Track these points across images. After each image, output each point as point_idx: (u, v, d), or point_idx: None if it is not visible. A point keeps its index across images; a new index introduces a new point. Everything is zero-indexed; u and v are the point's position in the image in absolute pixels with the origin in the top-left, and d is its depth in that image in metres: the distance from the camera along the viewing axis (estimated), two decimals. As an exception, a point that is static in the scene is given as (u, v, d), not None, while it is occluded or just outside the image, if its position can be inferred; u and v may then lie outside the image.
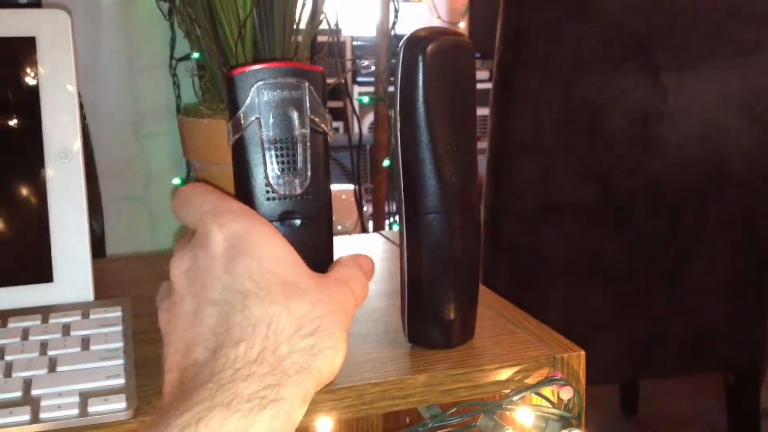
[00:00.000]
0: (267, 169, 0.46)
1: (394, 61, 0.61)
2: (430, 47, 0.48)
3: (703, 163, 1.29)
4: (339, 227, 1.37)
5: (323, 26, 0.88)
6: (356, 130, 1.18)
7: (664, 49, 1.22)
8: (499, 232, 1.27)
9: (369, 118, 2.29)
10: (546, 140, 1.25)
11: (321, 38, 0.90)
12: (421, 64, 0.48)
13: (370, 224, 1.47)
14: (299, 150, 0.46)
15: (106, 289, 0.62)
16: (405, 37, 0.49)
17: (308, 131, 0.46)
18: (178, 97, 0.95)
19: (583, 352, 0.52)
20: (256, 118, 0.46)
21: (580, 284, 1.33)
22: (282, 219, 0.47)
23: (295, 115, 0.46)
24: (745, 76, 1.26)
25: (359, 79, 2.87)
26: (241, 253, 0.40)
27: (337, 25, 0.92)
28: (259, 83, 0.46)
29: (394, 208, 1.17)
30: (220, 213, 0.42)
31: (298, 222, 0.47)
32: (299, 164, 0.46)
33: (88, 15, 0.98)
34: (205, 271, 0.40)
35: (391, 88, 1.06)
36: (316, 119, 0.46)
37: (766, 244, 1.36)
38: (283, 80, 0.46)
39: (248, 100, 0.46)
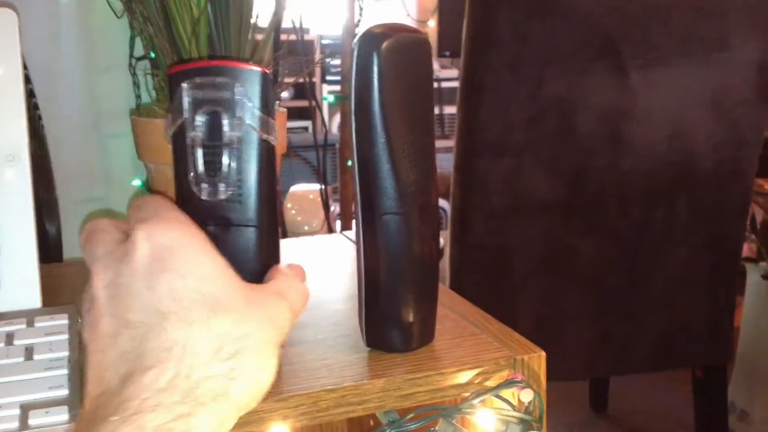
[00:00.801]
0: (193, 172, 0.45)
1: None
2: (385, 44, 0.47)
3: (673, 160, 1.29)
4: (306, 227, 1.35)
5: (289, 25, 0.86)
6: (325, 129, 1.17)
7: (633, 48, 1.22)
8: (469, 232, 1.27)
9: (338, 117, 2.28)
10: (515, 139, 1.24)
11: (288, 37, 0.89)
12: (376, 61, 0.47)
13: (338, 224, 1.46)
14: (225, 153, 0.45)
15: (58, 296, 0.60)
16: (360, 34, 0.48)
17: (237, 134, 0.44)
18: (138, 97, 0.93)
19: (543, 354, 0.51)
20: (184, 119, 0.44)
21: (550, 282, 1.32)
22: (210, 224, 0.46)
23: (225, 117, 0.44)
24: (713, 74, 1.26)
25: (328, 78, 2.85)
26: (165, 268, 0.37)
27: (301, 23, 0.91)
28: (188, 83, 0.44)
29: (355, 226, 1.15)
30: (152, 222, 0.39)
31: (228, 228, 0.45)
32: (224, 169, 0.45)
33: (45, 14, 0.96)
34: (126, 288, 0.38)
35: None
36: (249, 122, 0.44)
37: (736, 240, 1.37)
38: (212, 80, 0.44)
39: (177, 100, 0.44)
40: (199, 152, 0.45)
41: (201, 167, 0.45)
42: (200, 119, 0.45)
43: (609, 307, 1.35)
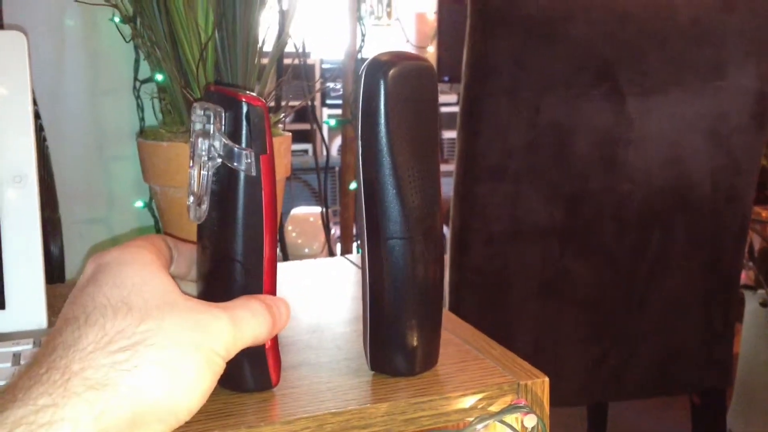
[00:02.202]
0: (189, 191, 0.46)
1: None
2: (392, 72, 0.48)
3: (670, 186, 1.30)
4: (306, 250, 1.36)
5: (291, 49, 0.87)
6: (326, 151, 1.18)
7: (631, 75, 1.23)
8: (467, 256, 1.27)
9: (339, 140, 2.29)
10: (513, 164, 1.25)
11: (290, 60, 0.90)
12: (382, 88, 0.47)
13: (338, 246, 1.47)
14: (200, 178, 0.46)
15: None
16: (366, 61, 0.49)
17: (212, 162, 0.45)
18: (142, 119, 0.94)
19: (546, 379, 0.51)
20: (191, 141, 0.45)
21: (548, 307, 1.33)
22: (200, 244, 0.47)
23: (203, 142, 0.45)
24: (710, 101, 1.27)
25: (328, 101, 2.87)
26: (92, 282, 0.40)
27: (303, 47, 0.92)
28: (193, 106, 0.46)
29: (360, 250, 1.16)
30: (112, 247, 0.42)
31: (209, 255, 0.46)
32: (198, 193, 0.46)
33: (51, 36, 0.97)
34: (66, 303, 0.40)
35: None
36: (222, 152, 0.45)
37: (732, 266, 1.38)
38: (201, 105, 0.45)
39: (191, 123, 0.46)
40: (191, 173, 0.46)
41: (190, 187, 0.46)
42: (193, 141, 0.46)
43: (605, 331, 1.35)
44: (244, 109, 0.45)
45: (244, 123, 0.45)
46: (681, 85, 1.25)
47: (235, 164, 0.45)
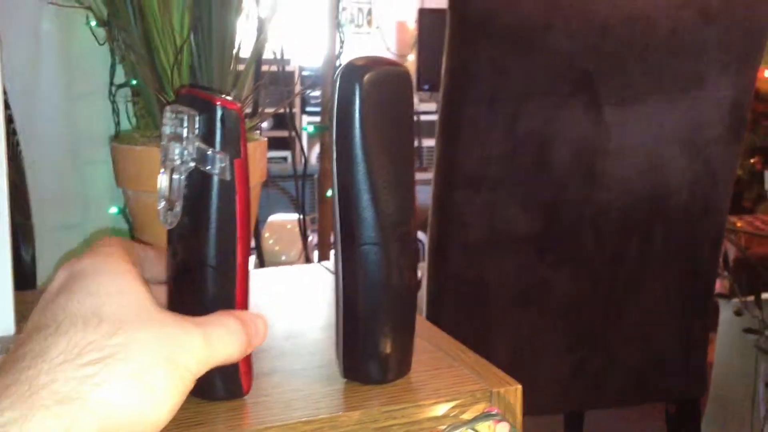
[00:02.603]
0: (160, 196, 0.46)
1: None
2: (367, 76, 0.47)
3: (647, 196, 1.31)
4: (283, 257, 1.35)
5: (270, 56, 0.87)
6: (304, 158, 1.17)
7: (610, 85, 1.24)
8: (445, 263, 1.27)
9: (318, 148, 2.28)
10: (492, 172, 1.25)
11: (269, 68, 0.89)
12: (358, 93, 0.47)
13: (315, 254, 1.46)
14: (171, 182, 0.45)
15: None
16: (341, 66, 0.49)
17: (184, 166, 0.44)
18: (117, 124, 0.93)
19: (519, 387, 0.51)
20: (163, 144, 0.45)
21: (527, 315, 1.33)
22: (170, 250, 0.46)
23: (175, 146, 0.45)
24: (687, 111, 1.28)
25: (308, 109, 2.86)
26: (65, 289, 0.39)
27: (282, 53, 0.91)
28: (165, 109, 0.45)
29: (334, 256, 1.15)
30: (83, 255, 0.41)
31: (180, 262, 0.46)
32: (170, 197, 0.45)
33: (26, 40, 0.96)
34: (35, 310, 0.39)
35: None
36: (195, 155, 0.44)
37: (709, 275, 1.38)
38: (174, 108, 0.45)
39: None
40: (161, 178, 0.45)
41: (160, 192, 0.45)
42: (164, 144, 0.45)
43: (583, 340, 1.36)
44: (219, 112, 0.44)
45: (218, 126, 0.44)
46: (659, 96, 1.26)
47: (209, 168, 0.44)
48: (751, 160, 2.49)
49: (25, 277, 0.84)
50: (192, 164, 0.45)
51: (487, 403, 0.50)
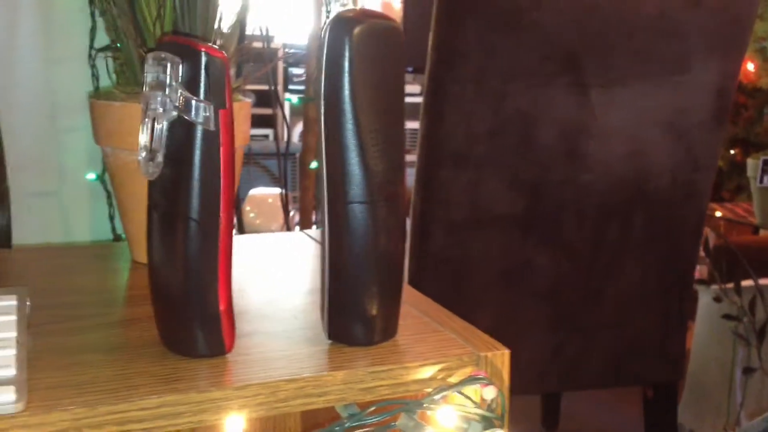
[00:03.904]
0: (141, 146, 0.44)
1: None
2: (357, 29, 0.46)
3: (629, 178, 1.30)
4: (264, 232, 1.33)
5: (255, 32, 0.85)
6: (288, 134, 1.15)
7: (595, 66, 1.23)
8: (427, 242, 1.26)
9: (299, 128, 2.27)
10: (477, 151, 1.24)
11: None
12: (347, 46, 0.46)
13: (297, 230, 1.45)
14: (153, 132, 0.43)
15: (5, 280, 0.57)
16: (330, 18, 0.47)
17: (167, 115, 0.43)
18: (97, 89, 0.91)
19: (507, 351, 0.50)
20: (144, 92, 0.43)
21: (508, 296, 1.32)
22: (152, 206, 0.45)
23: (157, 94, 0.43)
24: (672, 95, 1.28)
25: (291, 87, 2.84)
26: None
27: (267, 30, 0.90)
28: (147, 56, 0.43)
29: (320, 215, 1.14)
30: None
31: (160, 214, 0.44)
32: (151, 147, 0.44)
33: (3, 3, 0.94)
34: None
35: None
36: (178, 103, 0.42)
37: (689, 260, 1.39)
38: (156, 55, 0.43)
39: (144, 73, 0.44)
40: (143, 127, 0.44)
41: (141, 143, 0.44)
42: (147, 91, 0.44)
43: (562, 321, 1.35)
44: (204, 59, 0.43)
45: (203, 74, 0.43)
46: (644, 78, 1.26)
47: (193, 117, 0.43)
48: (732, 151, 2.50)
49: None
50: (175, 113, 0.43)
51: (473, 367, 0.49)
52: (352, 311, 0.49)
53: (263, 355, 0.47)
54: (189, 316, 0.45)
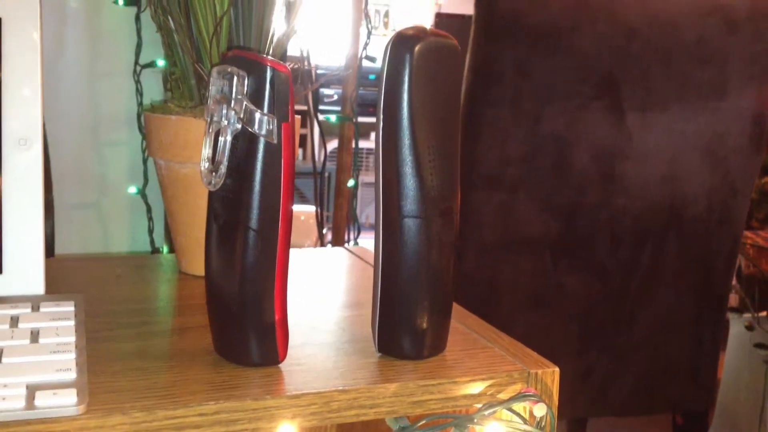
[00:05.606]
0: (204, 157, 0.45)
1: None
2: (418, 46, 0.47)
3: (665, 203, 1.30)
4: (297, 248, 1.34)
5: (293, 54, 0.87)
6: (324, 153, 1.16)
7: (633, 90, 1.23)
8: (460, 263, 1.26)
9: (331, 146, 2.28)
10: (510, 174, 1.25)
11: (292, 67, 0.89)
12: (408, 62, 0.47)
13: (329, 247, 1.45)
14: (218, 143, 0.44)
15: (55, 287, 0.58)
16: (392, 36, 0.48)
17: (231, 128, 0.44)
18: (140, 105, 0.93)
19: (557, 369, 0.50)
20: (208, 105, 0.44)
21: (538, 319, 1.32)
22: (214, 218, 0.45)
23: (223, 107, 0.44)
24: (710, 121, 1.28)
25: (321, 107, 2.86)
26: None
27: (308, 52, 0.91)
28: (212, 70, 0.44)
29: (354, 234, 1.15)
30: None
31: (223, 224, 0.45)
32: (216, 158, 0.44)
33: (52, 16, 0.96)
34: None
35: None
36: (242, 116, 0.43)
37: (722, 287, 1.38)
38: (221, 69, 0.44)
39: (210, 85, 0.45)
40: (206, 140, 0.45)
41: (204, 155, 0.45)
42: (211, 105, 0.45)
43: (593, 346, 1.35)
44: (269, 73, 0.43)
45: (268, 88, 0.43)
46: (681, 103, 1.26)
47: (256, 130, 0.43)
48: (763, 180, 2.48)
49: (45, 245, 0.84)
50: (238, 126, 0.44)
51: (523, 384, 0.49)
52: (403, 325, 0.49)
53: (315, 366, 0.48)
54: (245, 325, 0.45)
